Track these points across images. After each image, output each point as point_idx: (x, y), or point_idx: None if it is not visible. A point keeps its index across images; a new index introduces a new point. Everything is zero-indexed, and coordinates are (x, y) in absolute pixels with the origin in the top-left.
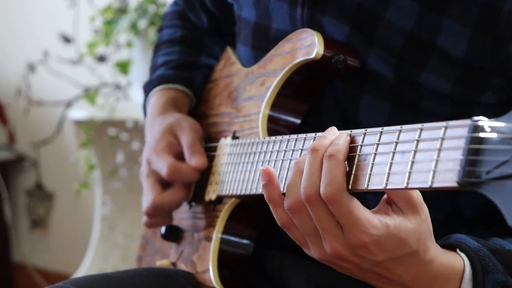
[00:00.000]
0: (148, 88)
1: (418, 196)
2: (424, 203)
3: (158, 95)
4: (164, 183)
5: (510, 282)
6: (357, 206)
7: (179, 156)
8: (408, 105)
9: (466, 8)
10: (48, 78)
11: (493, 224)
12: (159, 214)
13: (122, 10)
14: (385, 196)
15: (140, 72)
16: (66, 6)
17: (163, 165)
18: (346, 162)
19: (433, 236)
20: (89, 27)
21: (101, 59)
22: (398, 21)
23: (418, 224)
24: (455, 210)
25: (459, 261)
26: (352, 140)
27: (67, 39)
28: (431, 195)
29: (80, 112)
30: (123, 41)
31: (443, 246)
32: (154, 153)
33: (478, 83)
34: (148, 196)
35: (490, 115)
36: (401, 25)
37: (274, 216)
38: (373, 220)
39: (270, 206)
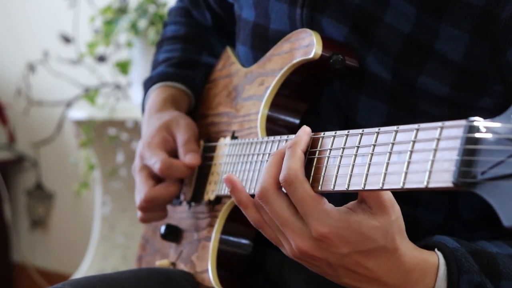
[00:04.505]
0: (148, 84)
1: (389, 198)
2: (396, 204)
3: (157, 92)
4: (156, 178)
5: (486, 283)
6: (316, 196)
7: (172, 153)
8: (406, 108)
9: (464, 13)
10: (48, 78)
11: (492, 225)
12: (152, 208)
13: (122, 10)
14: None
15: (140, 72)
16: (66, 6)
17: (156, 161)
18: (311, 155)
19: (406, 234)
20: (89, 27)
21: (101, 59)
22: (396, 24)
23: (386, 223)
24: (454, 212)
25: (433, 256)
26: (351, 140)
27: (67, 39)
28: (429, 196)
29: (80, 112)
30: (123, 41)
31: (424, 246)
32: (147, 148)
33: (476, 88)
34: (140, 190)
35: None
36: (399, 28)
37: (248, 218)
38: (332, 211)
39: (241, 209)
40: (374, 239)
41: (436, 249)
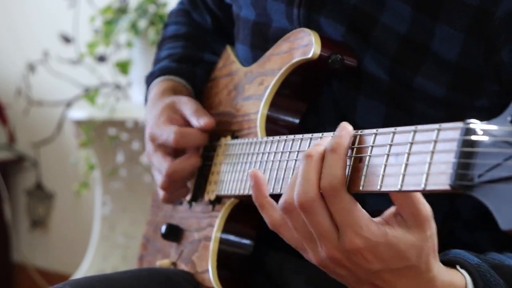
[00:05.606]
0: (149, 79)
1: (426, 211)
2: (432, 219)
3: (159, 85)
4: (174, 155)
5: None
6: (357, 206)
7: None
8: (403, 108)
9: (459, 12)
10: (48, 78)
11: (491, 226)
12: (175, 185)
13: (122, 10)
14: (392, 208)
15: (140, 72)
16: (66, 6)
17: (169, 133)
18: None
19: (437, 254)
20: (89, 27)
21: (101, 59)
22: (393, 24)
23: (422, 240)
24: (453, 211)
25: (460, 278)
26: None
27: (67, 39)
28: (429, 196)
29: (80, 112)
30: (123, 41)
31: (442, 262)
32: (157, 127)
33: (472, 88)
34: (160, 168)
35: (485, 120)
36: (396, 28)
37: (264, 218)
38: (371, 224)
39: (258, 207)
40: (409, 257)
41: (458, 267)
